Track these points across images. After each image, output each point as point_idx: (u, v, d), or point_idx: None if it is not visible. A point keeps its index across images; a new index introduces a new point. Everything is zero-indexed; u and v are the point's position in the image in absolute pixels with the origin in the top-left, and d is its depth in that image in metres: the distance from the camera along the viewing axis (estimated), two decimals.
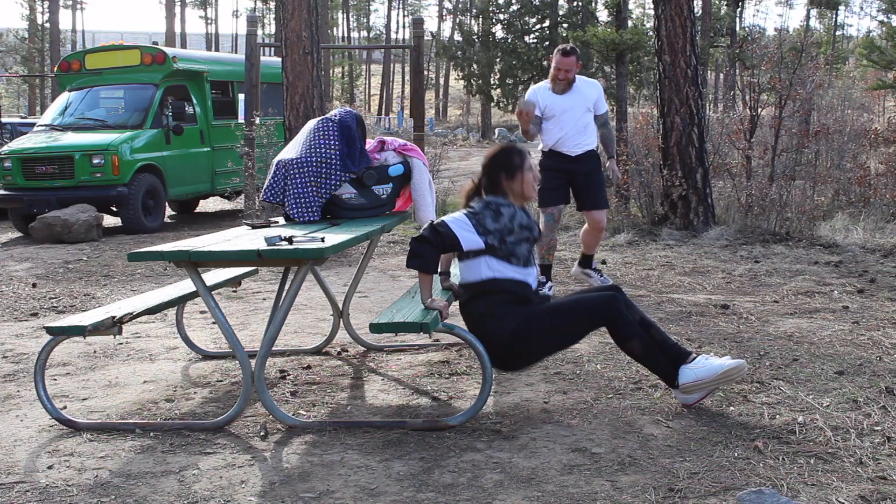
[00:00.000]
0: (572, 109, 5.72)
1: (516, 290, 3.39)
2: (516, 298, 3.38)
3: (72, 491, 2.77)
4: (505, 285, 3.37)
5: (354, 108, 4.95)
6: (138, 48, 12.21)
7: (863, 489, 2.61)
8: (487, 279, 3.38)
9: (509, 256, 3.37)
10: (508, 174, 3.50)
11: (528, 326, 3.34)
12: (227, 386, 4.02)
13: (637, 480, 2.73)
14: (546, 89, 5.77)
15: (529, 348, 3.40)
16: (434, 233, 3.32)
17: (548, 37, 23.24)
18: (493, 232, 3.35)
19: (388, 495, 2.67)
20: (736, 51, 20.98)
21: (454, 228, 3.33)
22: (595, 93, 5.85)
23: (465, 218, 3.37)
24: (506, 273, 3.37)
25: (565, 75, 5.69)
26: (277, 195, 4.15)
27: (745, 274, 6.56)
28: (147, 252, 3.30)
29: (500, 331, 3.34)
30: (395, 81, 66.59)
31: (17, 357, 4.59)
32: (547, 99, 5.72)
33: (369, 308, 5.65)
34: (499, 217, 3.37)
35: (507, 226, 3.37)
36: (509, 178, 3.50)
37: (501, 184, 3.50)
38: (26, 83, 47.20)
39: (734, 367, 3.30)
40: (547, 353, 3.53)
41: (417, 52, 11.71)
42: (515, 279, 3.39)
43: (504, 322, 3.35)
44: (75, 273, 7.54)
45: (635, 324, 3.36)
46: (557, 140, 5.73)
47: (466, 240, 3.33)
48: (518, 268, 3.39)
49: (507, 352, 3.39)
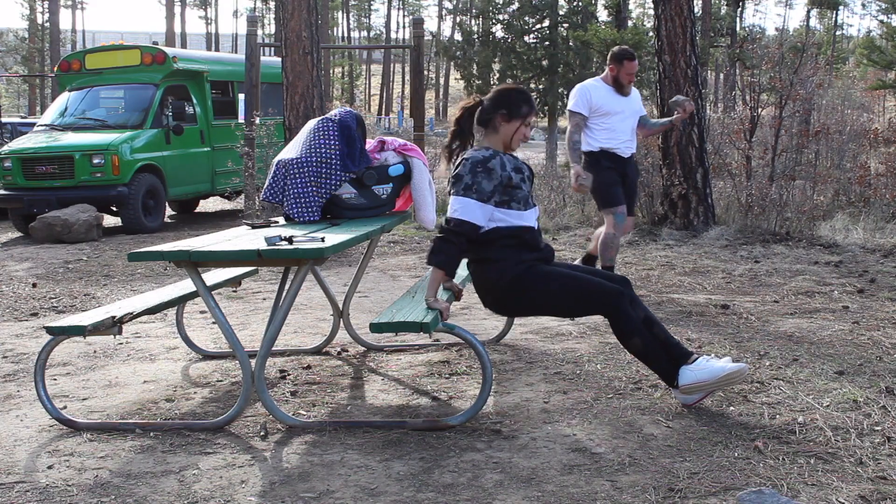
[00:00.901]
0: (628, 111, 5.73)
1: (519, 234, 3.38)
2: (519, 243, 3.38)
3: (72, 491, 2.77)
4: (507, 231, 3.37)
5: (354, 108, 4.95)
6: (138, 48, 12.21)
7: (863, 489, 2.61)
8: (490, 229, 3.37)
9: (509, 202, 3.37)
10: (509, 115, 3.43)
11: (532, 279, 3.35)
12: (228, 386, 4.02)
13: (637, 480, 2.73)
14: (600, 88, 5.71)
15: (525, 299, 3.39)
16: (455, 234, 3.29)
17: (548, 37, 23.22)
18: (493, 191, 3.33)
19: (388, 495, 2.67)
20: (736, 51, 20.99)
21: (469, 218, 3.29)
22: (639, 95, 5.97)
23: (467, 199, 3.30)
24: (508, 220, 3.37)
25: (633, 79, 5.76)
26: (277, 195, 4.15)
27: (745, 274, 6.56)
28: (147, 252, 3.30)
29: (501, 273, 3.35)
30: (395, 81, 66.61)
31: (18, 357, 4.59)
32: (603, 98, 5.66)
33: (369, 308, 5.65)
34: (491, 174, 3.32)
35: (502, 178, 3.34)
36: (506, 120, 3.44)
37: (494, 121, 3.44)
38: (26, 83, 47.22)
39: (735, 371, 3.29)
40: (539, 311, 3.52)
41: (417, 52, 11.71)
42: (517, 225, 3.38)
43: (506, 266, 3.35)
44: (75, 273, 7.54)
45: (638, 321, 3.35)
46: (611, 140, 5.66)
47: (481, 218, 3.31)
48: (519, 212, 3.38)
49: (504, 294, 3.40)
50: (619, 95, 5.70)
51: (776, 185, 9.00)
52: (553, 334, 4.76)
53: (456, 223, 3.30)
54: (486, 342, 4.54)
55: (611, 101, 5.67)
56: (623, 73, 5.67)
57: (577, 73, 22.32)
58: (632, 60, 5.68)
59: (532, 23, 23.41)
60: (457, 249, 3.31)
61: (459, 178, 3.34)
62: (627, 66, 5.66)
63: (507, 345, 4.57)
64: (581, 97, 5.67)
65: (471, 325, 4.94)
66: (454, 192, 3.35)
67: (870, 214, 9.00)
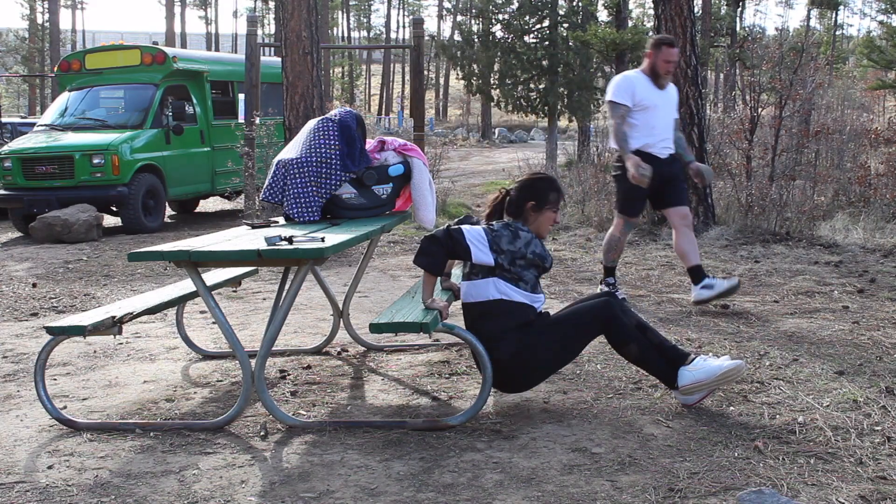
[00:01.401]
0: (666, 106, 5.37)
1: (522, 313, 3.38)
2: (522, 323, 3.37)
3: (72, 491, 2.77)
4: (511, 307, 3.36)
5: (354, 108, 4.94)
6: (138, 48, 12.21)
7: (863, 489, 2.61)
8: (495, 300, 3.37)
9: (517, 280, 3.37)
10: (537, 206, 3.48)
11: (528, 346, 3.34)
12: (228, 386, 4.02)
13: (637, 480, 2.73)
14: (642, 79, 5.34)
15: (531, 368, 3.39)
16: (447, 236, 3.32)
17: (548, 36, 23.22)
18: (506, 253, 3.34)
19: (388, 495, 2.67)
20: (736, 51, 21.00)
21: (468, 239, 3.32)
22: (676, 93, 5.58)
23: (482, 232, 3.35)
24: (513, 296, 3.36)
25: (673, 68, 5.39)
26: (277, 195, 4.15)
27: (745, 274, 6.56)
28: (147, 252, 3.30)
29: (501, 354, 3.34)
30: (395, 81, 66.61)
31: (18, 357, 4.59)
32: (644, 90, 5.29)
33: (369, 308, 5.65)
34: (515, 240, 3.35)
35: (521, 251, 3.36)
36: (535, 210, 3.48)
37: (525, 210, 3.49)
38: (26, 83, 47.22)
39: (733, 368, 3.30)
40: (549, 370, 3.49)
41: (417, 52, 11.71)
42: (523, 303, 3.38)
43: (505, 344, 3.34)
44: (75, 273, 7.54)
45: (632, 327, 3.37)
46: (648, 138, 5.28)
47: (477, 253, 3.32)
48: (526, 293, 3.39)
49: (509, 373, 3.39)
50: (656, 88, 5.33)
51: (776, 185, 9.00)
52: None
53: (453, 230, 3.33)
54: None
55: (650, 93, 5.31)
56: (661, 60, 5.29)
57: (577, 73, 22.31)
58: (671, 47, 5.31)
59: (532, 23, 23.40)
60: (442, 250, 3.32)
61: (490, 225, 3.42)
62: (666, 53, 5.28)
63: None
64: (625, 87, 5.29)
65: None
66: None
67: (870, 214, 8.99)
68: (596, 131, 18.21)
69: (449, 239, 3.31)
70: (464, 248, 3.31)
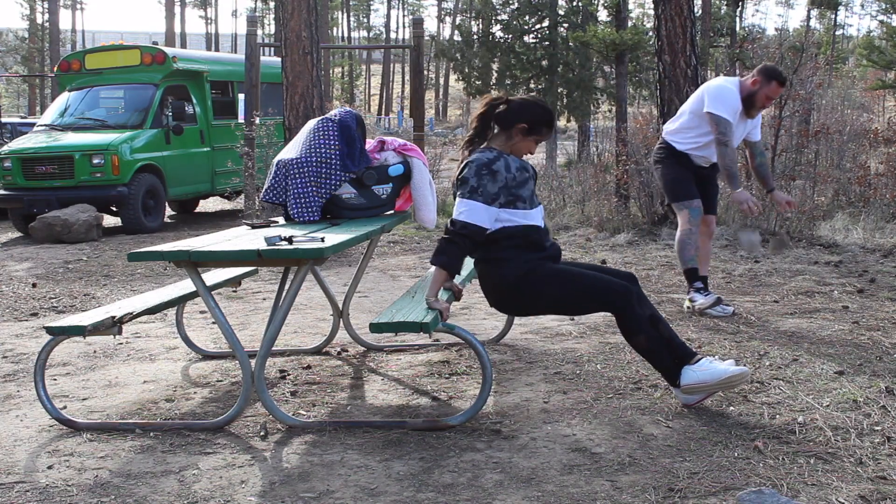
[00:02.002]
0: (739, 133, 5.11)
1: (526, 233, 3.39)
2: (526, 242, 3.38)
3: (72, 491, 2.77)
4: (513, 231, 3.37)
5: (354, 108, 4.94)
6: (138, 48, 12.22)
7: (863, 489, 2.61)
8: (496, 229, 3.38)
9: (515, 202, 3.37)
10: (529, 131, 3.44)
11: (537, 278, 3.35)
12: (227, 386, 4.02)
13: (637, 480, 2.73)
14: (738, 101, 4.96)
15: (531, 298, 3.40)
16: (461, 236, 3.30)
17: (547, 37, 23.23)
18: (499, 192, 3.33)
19: (388, 495, 2.67)
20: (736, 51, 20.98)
21: (474, 220, 3.30)
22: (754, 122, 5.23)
23: (472, 201, 3.31)
24: (514, 220, 3.37)
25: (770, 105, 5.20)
26: (278, 195, 4.15)
27: (745, 274, 6.56)
28: (147, 252, 3.30)
29: (506, 273, 3.36)
30: (395, 81, 66.61)
31: (17, 357, 4.59)
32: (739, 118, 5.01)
33: (369, 308, 5.65)
34: (496, 176, 3.33)
35: (506, 178, 3.35)
36: (524, 134, 3.44)
37: (513, 128, 3.44)
38: (26, 83, 47.22)
39: (738, 374, 3.29)
40: (545, 310, 3.52)
41: (417, 52, 11.71)
42: (524, 224, 3.38)
43: (512, 266, 3.35)
44: (75, 273, 7.54)
45: (645, 319, 3.35)
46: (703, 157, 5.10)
47: (487, 220, 3.32)
48: (525, 211, 3.39)
49: (509, 295, 3.42)
50: (744, 116, 5.01)
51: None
52: (553, 334, 4.76)
53: (461, 225, 3.30)
54: (485, 342, 4.54)
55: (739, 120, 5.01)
56: (763, 94, 4.93)
57: (577, 73, 22.32)
58: (781, 86, 4.97)
59: (531, 23, 23.41)
60: (461, 251, 3.32)
61: (465, 181, 3.35)
62: (774, 90, 4.94)
63: (507, 345, 4.57)
64: (731, 102, 4.92)
65: (471, 325, 4.94)
66: (460, 194, 3.36)
67: (870, 214, 9.00)
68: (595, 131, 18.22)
69: (464, 238, 3.30)
70: (478, 230, 3.31)
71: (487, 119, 3.49)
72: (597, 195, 10.24)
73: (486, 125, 3.49)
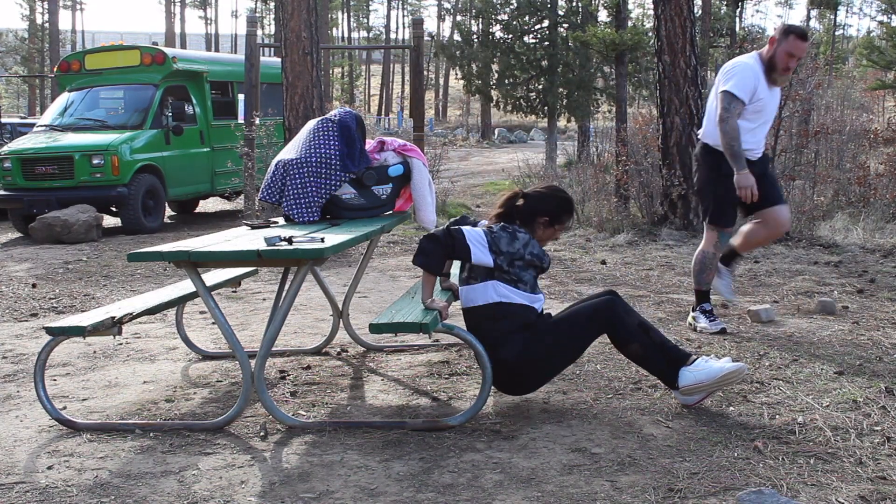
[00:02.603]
0: (773, 107, 4.66)
1: (524, 314, 3.38)
2: (523, 325, 3.38)
3: (71, 491, 2.77)
4: (512, 309, 3.37)
5: (354, 109, 4.94)
6: (138, 48, 12.22)
7: (862, 489, 2.61)
8: (495, 303, 3.37)
9: (516, 282, 3.37)
10: (550, 223, 3.51)
11: (532, 347, 3.35)
12: (227, 386, 4.02)
13: (637, 481, 2.73)
14: (760, 72, 4.50)
15: (535, 369, 3.40)
16: (447, 236, 3.32)
17: (547, 37, 23.23)
18: (505, 254, 3.35)
19: (388, 495, 2.67)
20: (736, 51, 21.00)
21: (468, 239, 3.32)
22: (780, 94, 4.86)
23: (482, 233, 3.37)
24: (513, 298, 3.37)
25: (794, 66, 4.55)
26: (275, 195, 4.15)
27: (745, 274, 6.56)
28: (147, 252, 3.30)
29: (505, 355, 3.34)
30: (395, 81, 66.61)
31: (17, 357, 4.59)
32: (762, 89, 4.50)
33: (369, 308, 5.65)
34: (514, 242, 3.36)
35: (520, 252, 3.36)
36: (546, 226, 3.51)
37: (535, 222, 3.50)
38: (26, 83, 47.22)
39: (734, 371, 3.29)
40: (554, 371, 3.49)
41: (417, 53, 11.72)
42: (523, 304, 3.38)
43: (509, 346, 3.34)
44: (75, 273, 7.54)
45: (634, 327, 3.37)
46: (750, 144, 4.56)
47: (477, 253, 3.33)
48: (525, 293, 3.39)
49: (514, 375, 3.41)
50: (767, 84, 4.52)
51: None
52: None
53: (453, 230, 3.34)
54: None
55: (764, 90, 4.52)
56: (783, 51, 4.43)
57: (577, 73, 22.32)
58: (802, 39, 4.43)
59: (531, 23, 23.41)
60: (442, 251, 3.33)
61: (490, 227, 3.42)
62: (793, 45, 4.42)
63: None
64: (747, 79, 4.45)
65: None
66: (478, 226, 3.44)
67: (869, 215, 9.00)
68: (595, 131, 18.22)
69: (449, 239, 3.32)
70: (464, 248, 3.32)
71: (509, 217, 3.53)
72: (596, 195, 10.24)
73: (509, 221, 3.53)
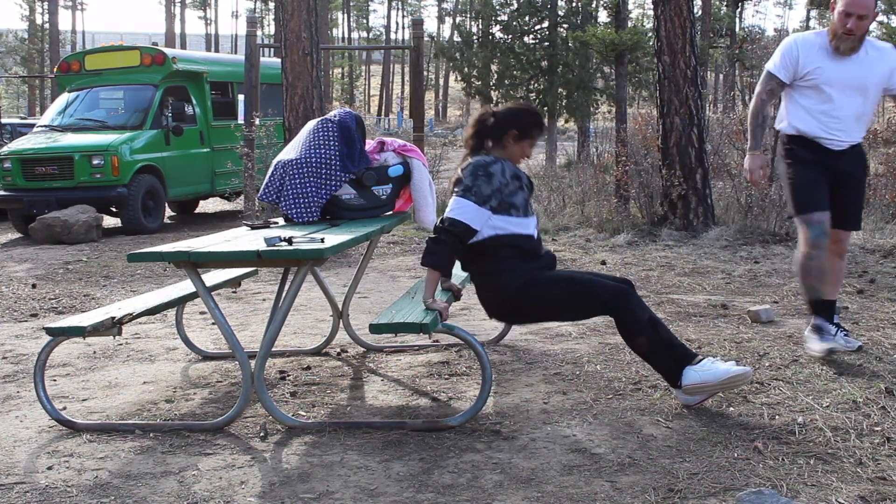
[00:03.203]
0: (853, 86, 3.91)
1: (520, 244, 3.41)
2: (521, 253, 3.41)
3: (71, 492, 2.77)
4: (508, 240, 3.39)
5: (354, 109, 4.94)
6: (138, 49, 12.22)
7: (862, 490, 2.61)
8: (489, 237, 3.40)
9: (508, 209, 3.40)
10: (520, 136, 3.49)
11: (536, 287, 3.38)
12: (227, 387, 4.02)
13: (637, 481, 2.73)
14: (815, 43, 3.95)
15: (531, 308, 3.43)
16: (448, 233, 3.33)
17: (547, 37, 23.22)
18: (492, 195, 3.36)
19: (388, 496, 2.67)
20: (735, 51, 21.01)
21: (463, 218, 3.32)
22: (890, 63, 3.96)
23: (465, 200, 3.35)
24: (508, 228, 3.39)
25: (857, 26, 3.76)
26: (274, 195, 4.15)
27: (745, 274, 6.56)
28: (147, 253, 3.30)
29: (506, 285, 3.38)
30: (395, 82, 66.62)
31: (17, 358, 4.59)
32: (817, 59, 3.91)
33: (369, 309, 5.65)
34: (491, 179, 3.36)
35: (501, 182, 3.38)
36: (516, 140, 3.50)
37: (505, 137, 3.49)
38: (26, 84, 47.22)
39: (740, 375, 3.29)
40: (546, 318, 3.59)
41: (417, 53, 11.72)
42: (518, 233, 3.40)
43: (510, 277, 3.37)
44: (75, 274, 7.54)
45: (645, 320, 3.36)
46: (813, 123, 3.94)
47: (476, 220, 3.33)
48: (519, 218, 3.41)
49: (510, 306, 3.44)
50: (836, 56, 3.88)
51: (776, 186, 8.99)
52: (552, 335, 4.76)
53: (450, 222, 3.33)
54: (485, 343, 4.53)
55: (824, 63, 3.89)
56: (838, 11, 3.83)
57: (577, 73, 22.31)
58: None
59: (531, 23, 23.41)
60: (450, 249, 3.34)
61: (460, 180, 3.40)
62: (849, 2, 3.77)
63: (507, 345, 4.57)
64: (787, 53, 3.97)
65: (470, 326, 4.94)
66: (455, 192, 3.41)
67: (869, 215, 8.99)
68: (595, 132, 18.22)
69: (451, 235, 3.33)
70: (466, 229, 3.33)
71: (480, 136, 3.54)
72: (596, 196, 10.23)
73: (480, 143, 3.55)
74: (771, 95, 4.05)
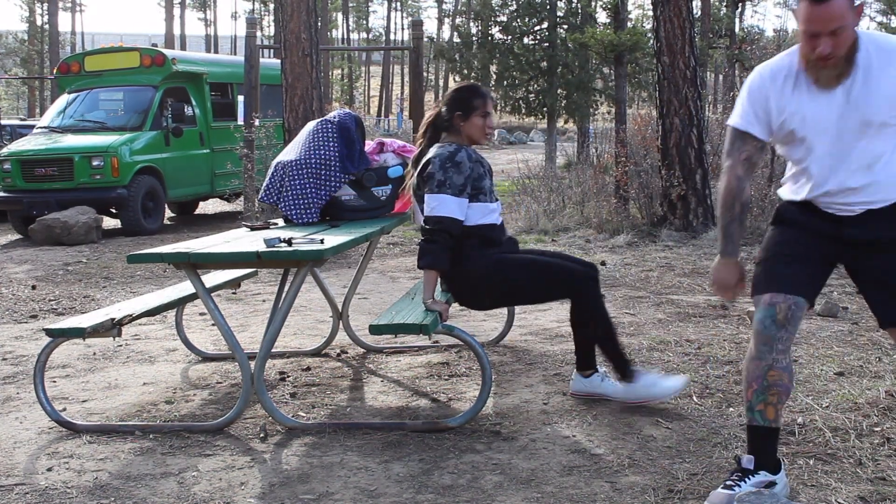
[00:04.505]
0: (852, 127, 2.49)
1: (484, 233, 3.47)
2: (484, 241, 3.47)
3: (71, 493, 2.77)
4: (474, 230, 3.45)
5: (354, 110, 4.95)
6: (138, 50, 12.22)
7: (862, 490, 2.61)
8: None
9: (478, 195, 3.46)
10: (464, 114, 3.54)
11: (499, 272, 3.45)
12: (227, 388, 4.02)
13: (636, 482, 2.73)
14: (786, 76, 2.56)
15: (494, 292, 3.52)
16: (436, 232, 3.35)
17: (546, 38, 23.21)
18: (465, 183, 3.41)
19: (388, 497, 2.67)
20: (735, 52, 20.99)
21: (447, 213, 3.36)
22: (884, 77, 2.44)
23: (441, 195, 3.38)
24: (473, 219, 3.44)
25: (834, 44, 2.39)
26: (274, 196, 4.16)
27: (745, 275, 6.55)
28: (146, 254, 3.30)
29: (471, 268, 3.44)
30: (395, 83, 66.60)
31: (17, 359, 4.59)
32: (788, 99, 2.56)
33: (369, 309, 5.65)
34: (460, 167, 3.41)
35: (469, 169, 3.43)
36: (463, 120, 3.54)
37: (454, 121, 3.56)
38: (25, 85, 47.20)
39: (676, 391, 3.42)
40: (509, 302, 3.73)
41: (417, 54, 11.73)
42: (483, 224, 3.46)
43: (474, 263, 3.44)
44: (75, 275, 7.54)
45: (605, 308, 3.46)
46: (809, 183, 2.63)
47: (459, 211, 3.38)
48: (485, 203, 3.47)
49: (473, 291, 3.52)
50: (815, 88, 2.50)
51: (775, 186, 9.00)
52: (552, 335, 4.76)
53: (435, 220, 3.36)
54: (485, 344, 4.53)
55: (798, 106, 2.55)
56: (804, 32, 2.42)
57: (576, 74, 22.31)
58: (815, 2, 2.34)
59: (531, 24, 23.40)
60: (442, 247, 3.37)
61: (431, 176, 3.43)
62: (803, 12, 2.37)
63: (507, 346, 4.57)
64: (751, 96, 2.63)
65: (470, 327, 4.93)
66: (427, 190, 3.43)
67: None
68: (595, 132, 18.22)
69: (440, 232, 3.36)
70: (453, 222, 3.37)
71: (436, 132, 3.62)
72: (596, 196, 10.23)
73: (436, 138, 3.62)
74: (749, 168, 2.69)
